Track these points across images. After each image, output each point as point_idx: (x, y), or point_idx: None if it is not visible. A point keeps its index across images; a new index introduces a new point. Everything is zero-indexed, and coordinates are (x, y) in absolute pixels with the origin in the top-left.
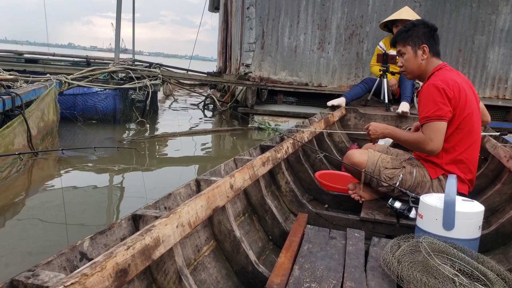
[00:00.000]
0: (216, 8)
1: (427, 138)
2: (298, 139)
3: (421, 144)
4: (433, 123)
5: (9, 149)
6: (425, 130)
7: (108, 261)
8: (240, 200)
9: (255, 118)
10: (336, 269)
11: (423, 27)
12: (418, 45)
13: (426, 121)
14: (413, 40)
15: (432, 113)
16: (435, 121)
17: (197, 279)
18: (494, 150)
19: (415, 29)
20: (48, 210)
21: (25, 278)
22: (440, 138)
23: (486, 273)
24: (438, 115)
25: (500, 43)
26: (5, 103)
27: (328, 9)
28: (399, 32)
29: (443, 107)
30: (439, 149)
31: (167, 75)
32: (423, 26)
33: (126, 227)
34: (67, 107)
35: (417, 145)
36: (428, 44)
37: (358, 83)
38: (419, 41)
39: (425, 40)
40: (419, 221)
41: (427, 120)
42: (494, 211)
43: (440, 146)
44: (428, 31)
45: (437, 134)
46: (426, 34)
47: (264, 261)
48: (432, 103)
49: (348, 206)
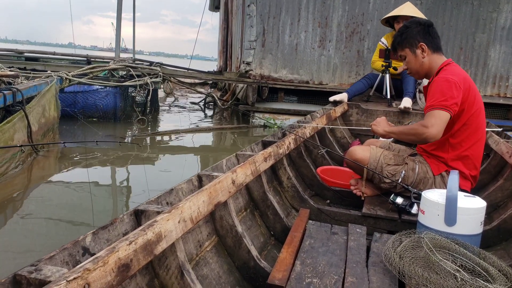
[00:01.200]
0: (216, 7)
1: (427, 124)
2: (300, 135)
3: (420, 129)
4: (436, 110)
5: (8, 144)
6: (426, 116)
7: (111, 256)
8: (242, 196)
9: (256, 115)
10: (337, 265)
11: (416, 26)
12: (415, 45)
13: (430, 109)
14: (409, 42)
15: (438, 102)
16: (438, 109)
17: (199, 274)
18: (496, 146)
19: (409, 31)
20: (49, 207)
21: (28, 272)
22: (440, 125)
23: (487, 268)
24: (443, 105)
25: (501, 41)
26: (6, 98)
27: (329, 7)
28: (395, 38)
29: (450, 99)
30: (438, 135)
31: (167, 73)
32: (416, 25)
33: (128, 222)
34: (67, 104)
35: (416, 132)
36: (425, 41)
37: (360, 79)
38: (415, 41)
39: (421, 38)
40: (421, 216)
41: (430, 108)
42: (496, 207)
43: (439, 134)
44: (422, 29)
45: (438, 120)
46: (421, 32)
47: (265, 257)
48: (440, 94)
49: (350, 202)
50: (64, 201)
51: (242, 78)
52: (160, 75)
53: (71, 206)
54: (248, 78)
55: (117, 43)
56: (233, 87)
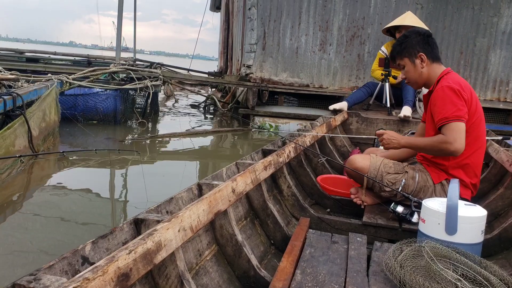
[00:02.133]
0: (217, 7)
1: (449, 139)
2: (300, 143)
3: (445, 145)
4: (454, 123)
5: (9, 151)
6: (446, 131)
7: (110, 265)
8: (242, 204)
9: (256, 119)
10: (338, 274)
11: (416, 36)
12: (415, 55)
13: (446, 122)
14: (408, 51)
15: (451, 113)
16: (455, 121)
17: (199, 284)
18: (496, 155)
19: (408, 41)
20: (48, 211)
21: (27, 282)
22: (462, 138)
23: (489, 278)
24: (457, 116)
25: (502, 46)
26: (6, 103)
27: (329, 10)
28: (394, 47)
29: (462, 108)
30: (462, 149)
31: (168, 76)
32: (416, 35)
33: (128, 231)
34: (68, 107)
35: (440, 147)
36: (425, 51)
37: (360, 87)
38: (414, 51)
39: (420, 48)
40: (421, 225)
41: (446, 121)
42: (496, 216)
43: (463, 146)
44: (422, 39)
45: (459, 133)
46: (420, 42)
47: (266, 266)
48: (450, 104)
49: (350, 211)
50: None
51: (242, 81)
52: (160, 78)
53: (69, 210)
54: (249, 82)
55: (118, 42)
56: (233, 89)
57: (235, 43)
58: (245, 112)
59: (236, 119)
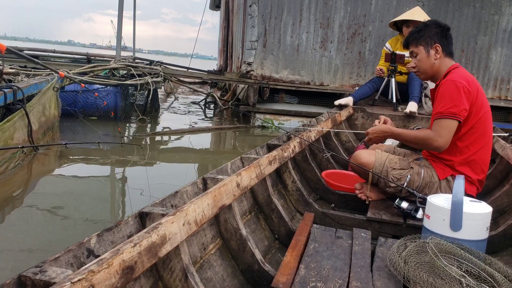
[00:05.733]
0: (217, 6)
1: (436, 135)
2: (305, 138)
3: (429, 140)
4: (445, 120)
5: (8, 144)
6: (436, 125)
7: (115, 258)
8: (246, 199)
9: (257, 116)
10: (342, 269)
11: (435, 26)
12: (431, 44)
13: (439, 117)
14: (425, 40)
15: (446, 109)
16: (447, 118)
17: (203, 277)
18: (502, 151)
19: (427, 29)
20: (49, 206)
21: (33, 274)
22: (449, 136)
23: (493, 274)
24: (452, 113)
25: (503, 44)
26: (6, 96)
27: (330, 7)
28: (411, 33)
29: (459, 104)
30: (446, 146)
31: (168, 73)
32: (435, 26)
33: (133, 225)
34: (68, 103)
35: (425, 141)
36: (441, 43)
37: (366, 83)
38: (431, 41)
39: (437, 39)
40: (426, 221)
41: (439, 115)
42: (502, 212)
43: (447, 144)
44: (441, 31)
45: (447, 131)
46: (439, 34)
47: (270, 260)
48: (448, 99)
49: (354, 206)
50: (62, 200)
51: (243, 78)
52: (161, 74)
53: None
54: (249, 79)
55: (118, 41)
56: (233, 87)
57: (235, 40)
58: (246, 109)
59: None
